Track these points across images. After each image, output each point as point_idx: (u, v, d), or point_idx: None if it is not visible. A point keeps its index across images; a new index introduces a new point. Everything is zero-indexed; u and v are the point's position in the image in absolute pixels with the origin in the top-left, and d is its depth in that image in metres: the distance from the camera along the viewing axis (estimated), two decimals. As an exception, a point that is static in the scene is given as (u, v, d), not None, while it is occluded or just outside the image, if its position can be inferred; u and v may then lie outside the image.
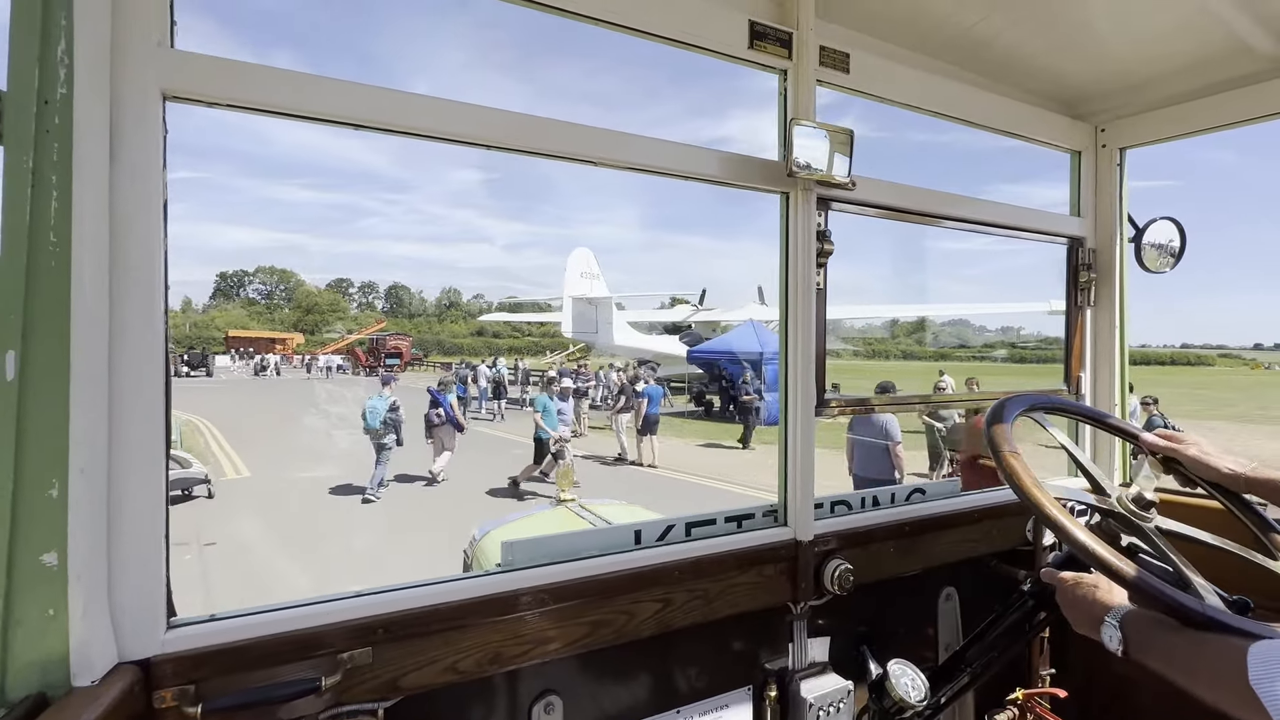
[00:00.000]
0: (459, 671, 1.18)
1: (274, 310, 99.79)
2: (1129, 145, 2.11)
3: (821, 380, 1.61)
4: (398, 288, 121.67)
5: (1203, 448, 1.23)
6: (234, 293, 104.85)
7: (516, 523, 3.99)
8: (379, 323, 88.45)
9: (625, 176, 1.50)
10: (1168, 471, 1.27)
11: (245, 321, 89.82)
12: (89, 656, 0.88)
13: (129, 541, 0.95)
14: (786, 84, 1.55)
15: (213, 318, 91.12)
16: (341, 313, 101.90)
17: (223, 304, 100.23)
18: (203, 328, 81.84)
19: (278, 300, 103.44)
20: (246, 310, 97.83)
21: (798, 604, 1.57)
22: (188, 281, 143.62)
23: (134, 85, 0.93)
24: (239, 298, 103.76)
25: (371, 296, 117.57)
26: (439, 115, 1.19)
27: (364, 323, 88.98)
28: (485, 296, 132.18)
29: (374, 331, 68.23)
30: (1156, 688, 1.90)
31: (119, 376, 0.93)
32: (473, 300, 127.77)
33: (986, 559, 1.92)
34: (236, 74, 1.01)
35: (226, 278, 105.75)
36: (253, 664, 1.02)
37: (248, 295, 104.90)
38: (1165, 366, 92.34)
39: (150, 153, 0.95)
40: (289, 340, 67.17)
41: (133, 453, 0.94)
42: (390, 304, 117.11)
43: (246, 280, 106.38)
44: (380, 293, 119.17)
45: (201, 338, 73.38)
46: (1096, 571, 1.02)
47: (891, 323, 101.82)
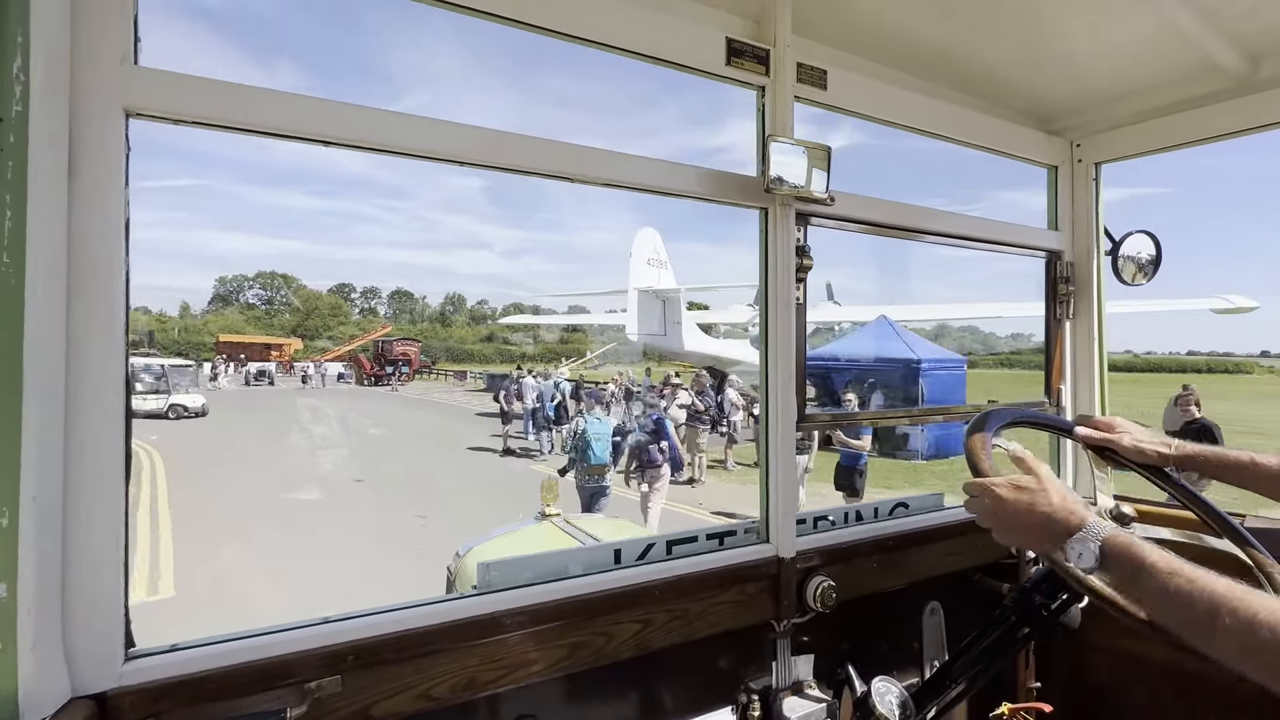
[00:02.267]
0: (433, 698, 1.15)
1: (273, 315, 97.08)
2: (1104, 160, 2.14)
3: (802, 394, 1.61)
4: (400, 293, 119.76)
5: (1135, 435, 1.32)
6: (233, 298, 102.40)
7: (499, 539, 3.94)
8: (384, 327, 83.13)
9: (618, 191, 1.49)
10: (1104, 459, 1.34)
11: (241, 326, 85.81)
12: (39, 691, 0.85)
13: (85, 571, 0.91)
14: (764, 100, 1.56)
15: (205, 322, 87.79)
16: (344, 317, 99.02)
17: (221, 309, 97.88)
18: (194, 333, 77.84)
19: (278, 305, 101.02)
20: (244, 315, 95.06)
21: (780, 622, 1.55)
22: (185, 289, 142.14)
23: (95, 102, 0.91)
24: (238, 303, 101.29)
25: (374, 301, 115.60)
26: (412, 133, 1.17)
27: (367, 328, 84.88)
28: (489, 302, 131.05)
29: (379, 336, 63.25)
30: (1136, 700, 1.91)
31: (76, 401, 0.90)
32: (477, 305, 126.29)
33: (970, 573, 1.91)
34: (202, 91, 0.99)
35: (225, 282, 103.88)
36: (215, 695, 0.98)
37: (246, 300, 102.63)
38: (1202, 375, 79.33)
39: (112, 170, 0.93)
40: (285, 346, 63.21)
41: (90, 479, 0.91)
42: (393, 309, 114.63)
43: (246, 285, 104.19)
44: (383, 298, 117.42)
45: (192, 344, 69.74)
46: (1045, 482, 0.99)
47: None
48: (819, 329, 24.82)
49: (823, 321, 24.78)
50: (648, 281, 21.87)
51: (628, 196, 79.81)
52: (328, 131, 1.09)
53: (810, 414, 1.63)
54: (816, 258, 1.61)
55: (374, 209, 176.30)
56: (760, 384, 1.60)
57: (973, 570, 1.92)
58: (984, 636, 1.46)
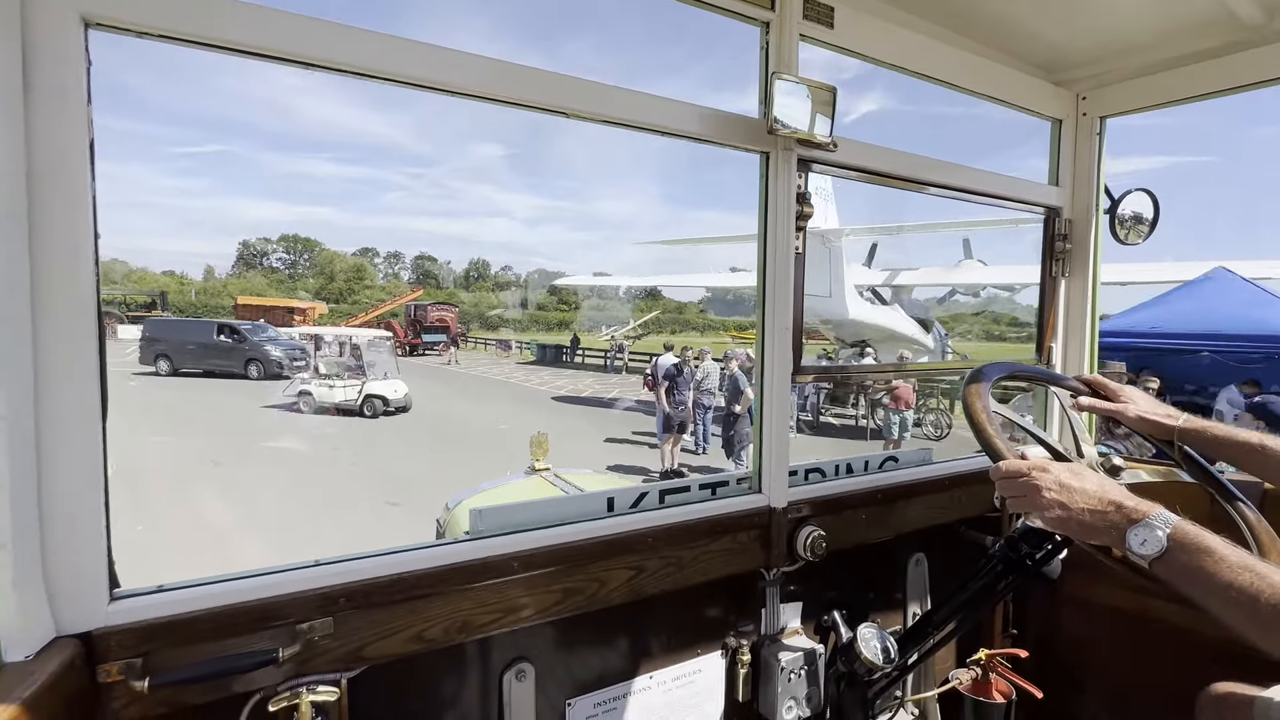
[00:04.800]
0: (425, 640, 1.15)
1: (296, 280, 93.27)
2: (1109, 114, 2.09)
3: (799, 346, 1.59)
4: (424, 258, 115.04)
5: (1140, 406, 1.33)
6: (256, 262, 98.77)
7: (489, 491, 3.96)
8: (415, 290, 75.49)
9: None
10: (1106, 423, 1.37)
11: (264, 290, 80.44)
12: (22, 630, 0.83)
13: (65, 509, 0.88)
14: (768, 37, 1.49)
15: (225, 284, 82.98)
16: (369, 280, 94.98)
17: (244, 273, 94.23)
18: (212, 295, 72.70)
19: (301, 270, 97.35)
20: (268, 279, 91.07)
21: (770, 570, 1.57)
22: (210, 254, 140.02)
23: (48, 9, 0.84)
24: (260, 267, 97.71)
25: (397, 267, 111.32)
26: (402, 58, 1.10)
27: (393, 292, 78.84)
28: (514, 268, 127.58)
29: (410, 299, 55.89)
30: (1108, 647, 1.98)
31: (44, 335, 0.85)
32: (501, 271, 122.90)
33: (955, 525, 1.95)
34: (167, 0, 0.92)
35: (249, 246, 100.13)
36: (205, 636, 0.97)
37: (270, 264, 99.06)
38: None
39: (71, 86, 0.86)
40: (310, 310, 56.75)
41: (65, 415, 0.87)
42: (416, 274, 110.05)
43: (270, 250, 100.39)
44: (406, 263, 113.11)
45: (210, 307, 64.40)
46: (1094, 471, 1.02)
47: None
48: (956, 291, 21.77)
49: (966, 284, 21.15)
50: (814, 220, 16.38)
51: (654, 165, 73.67)
52: (310, 53, 1.02)
53: (805, 365, 1.61)
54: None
55: (397, 176, 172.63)
56: (757, 334, 1.58)
57: (958, 523, 1.95)
58: (968, 586, 1.50)
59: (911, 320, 17.21)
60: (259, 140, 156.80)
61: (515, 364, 34.85)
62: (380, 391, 16.04)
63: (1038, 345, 2.24)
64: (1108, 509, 0.93)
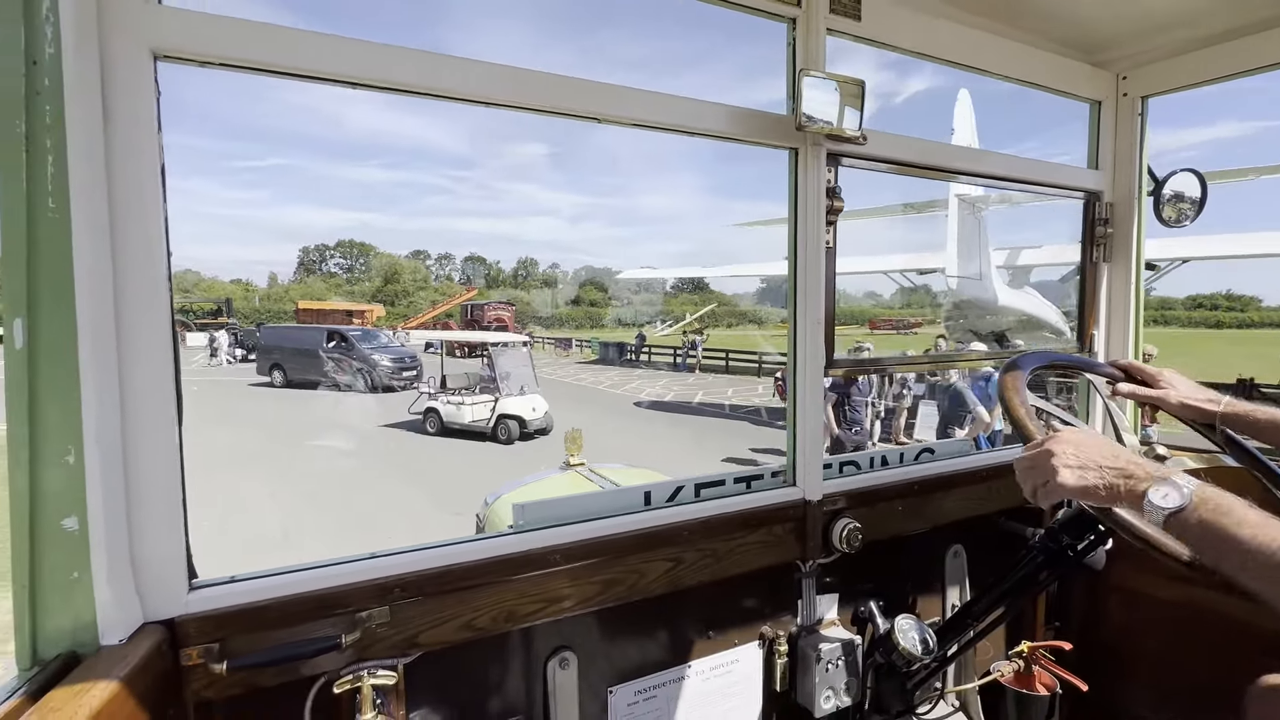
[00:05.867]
0: (475, 629, 1.21)
1: (354, 283, 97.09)
2: (1151, 93, 2.03)
3: (830, 340, 1.60)
4: (473, 259, 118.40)
5: (1181, 391, 1.31)
6: (315, 267, 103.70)
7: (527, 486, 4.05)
8: (470, 289, 76.44)
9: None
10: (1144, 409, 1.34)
11: (324, 294, 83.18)
12: (115, 617, 0.91)
13: (147, 505, 0.96)
14: (795, 33, 1.50)
15: (287, 290, 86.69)
16: (422, 281, 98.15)
17: (304, 278, 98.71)
18: (275, 301, 75.31)
19: (358, 274, 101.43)
20: (326, 283, 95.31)
21: (806, 562, 1.59)
22: (274, 261, 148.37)
23: (123, 44, 0.91)
24: (320, 272, 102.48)
25: (448, 268, 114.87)
26: (441, 72, 1.15)
27: (447, 293, 79.38)
28: (561, 265, 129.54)
29: (466, 299, 56.89)
30: (1154, 639, 1.94)
31: (126, 340, 0.93)
32: (549, 269, 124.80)
33: (994, 517, 1.93)
34: (228, 31, 0.98)
35: (308, 252, 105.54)
36: (275, 623, 1.04)
37: (328, 269, 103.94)
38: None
39: (144, 114, 0.93)
40: (369, 312, 56.27)
41: (147, 417, 0.95)
42: (466, 274, 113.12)
43: (327, 254, 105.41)
44: (456, 264, 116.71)
45: (274, 312, 66.37)
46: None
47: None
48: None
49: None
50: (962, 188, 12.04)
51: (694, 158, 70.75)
52: (354, 72, 1.07)
53: (838, 359, 1.62)
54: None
55: (442, 179, 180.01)
56: (789, 328, 1.59)
57: (997, 514, 1.93)
58: (1007, 577, 1.49)
59: (1053, 306, 14.09)
60: (314, 151, 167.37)
61: (577, 364, 32.45)
62: (516, 410, 13.14)
63: (1079, 333, 2.20)
64: (1128, 466, 0.91)
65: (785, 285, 1.61)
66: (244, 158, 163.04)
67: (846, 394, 7.64)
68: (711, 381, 24.15)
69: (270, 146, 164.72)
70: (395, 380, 20.44)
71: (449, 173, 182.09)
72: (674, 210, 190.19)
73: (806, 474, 1.57)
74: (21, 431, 0.83)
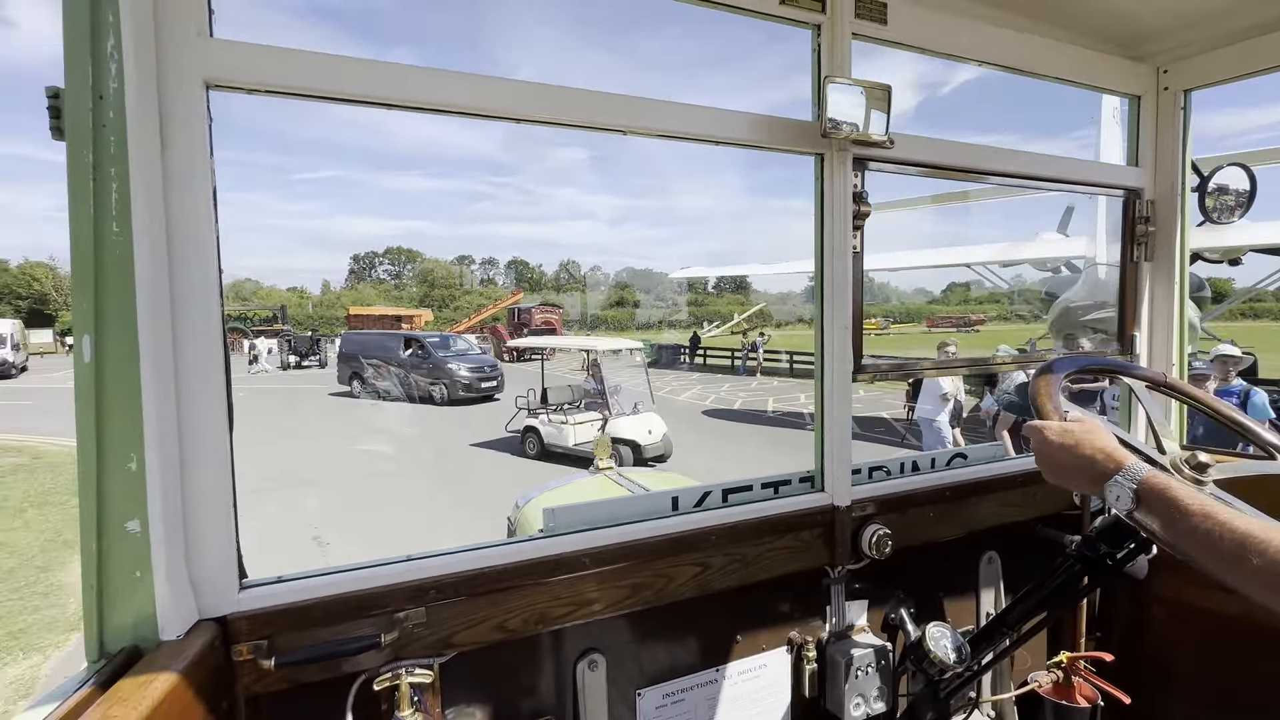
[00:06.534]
0: (507, 630, 1.24)
1: (402, 289, 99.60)
2: (1194, 86, 1.97)
3: (859, 344, 1.59)
4: (517, 262, 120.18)
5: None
6: (365, 274, 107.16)
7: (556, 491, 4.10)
8: (515, 293, 74.03)
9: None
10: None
11: (374, 299, 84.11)
12: (173, 613, 0.96)
13: (202, 508, 1.02)
14: (820, 40, 1.50)
15: (339, 296, 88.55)
16: (468, 286, 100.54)
17: (355, 285, 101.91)
18: (328, 307, 76.48)
19: (405, 280, 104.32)
20: (376, 290, 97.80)
21: (835, 568, 1.59)
22: (327, 269, 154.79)
23: (178, 76, 0.97)
24: (369, 279, 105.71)
25: (492, 272, 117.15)
26: (476, 91, 1.19)
27: (493, 297, 78.25)
28: (602, 268, 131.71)
29: (512, 303, 55.05)
30: (1202, 652, 1.87)
31: (182, 353, 0.99)
32: (590, 271, 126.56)
33: (1031, 523, 1.89)
34: (274, 60, 1.03)
35: (359, 260, 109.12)
36: (319, 621, 1.09)
37: (377, 276, 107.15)
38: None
39: (197, 141, 0.99)
40: (417, 317, 55.60)
41: (200, 425, 1.01)
42: (511, 278, 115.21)
43: (376, 261, 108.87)
44: (500, 268, 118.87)
45: (326, 319, 67.61)
46: (1093, 425, 1.01)
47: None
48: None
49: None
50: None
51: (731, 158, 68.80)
52: (393, 94, 1.12)
53: (867, 363, 1.61)
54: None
55: (485, 186, 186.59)
56: (815, 333, 1.59)
57: (1033, 521, 1.89)
58: (1044, 585, 1.46)
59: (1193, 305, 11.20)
60: (364, 163, 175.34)
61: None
62: (629, 434, 10.90)
63: (1119, 334, 2.13)
64: (1085, 462, 0.95)
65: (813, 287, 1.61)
66: (300, 171, 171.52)
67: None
68: (778, 386, 22.37)
69: (324, 159, 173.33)
70: (472, 393, 18.97)
71: (492, 179, 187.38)
72: (711, 210, 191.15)
73: (835, 479, 1.57)
74: (90, 440, 0.90)
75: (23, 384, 26.12)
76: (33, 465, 11.52)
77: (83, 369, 0.89)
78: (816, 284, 1.58)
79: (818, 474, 1.60)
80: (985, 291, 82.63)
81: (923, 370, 2.03)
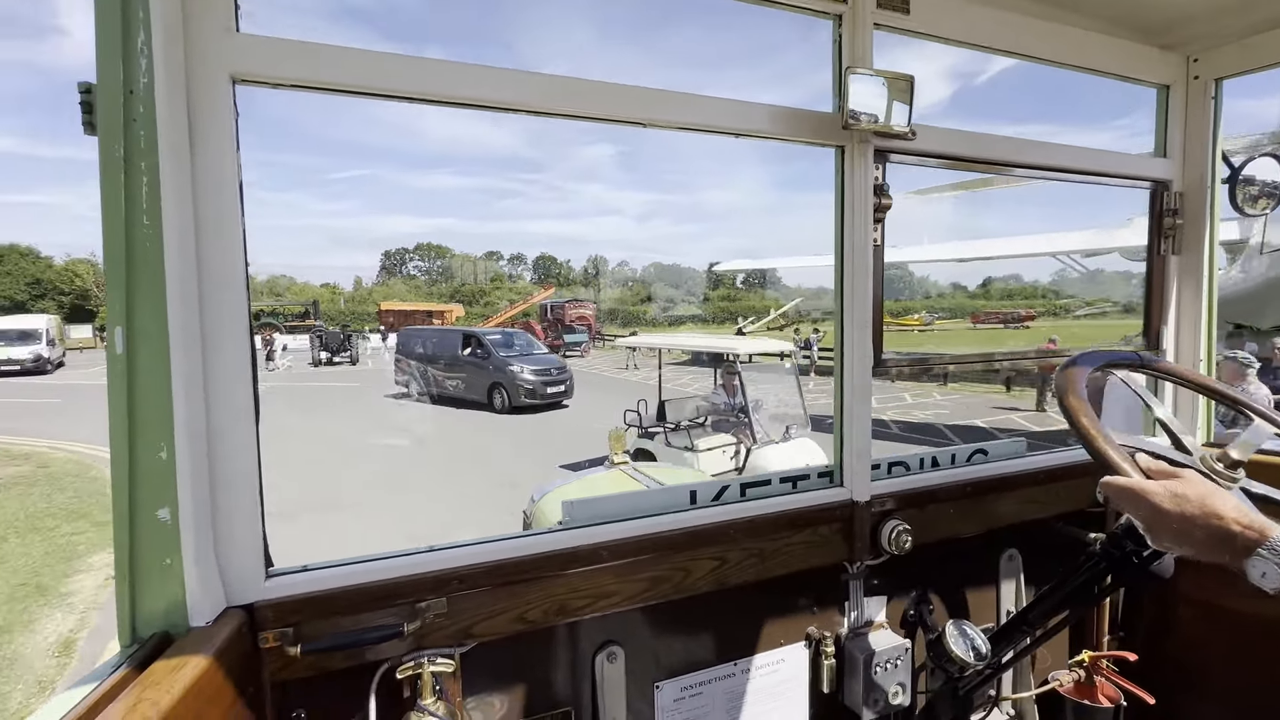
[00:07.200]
0: (527, 621, 1.25)
1: (432, 285, 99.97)
2: (1225, 75, 1.92)
3: (879, 339, 1.58)
4: (545, 258, 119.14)
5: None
6: (396, 270, 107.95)
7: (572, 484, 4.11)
8: (547, 288, 73.83)
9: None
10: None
11: (404, 295, 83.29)
12: (202, 600, 0.98)
13: (230, 497, 1.04)
14: (841, 30, 1.48)
15: (370, 292, 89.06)
16: (498, 281, 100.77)
17: (386, 281, 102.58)
18: (359, 303, 76.01)
19: (435, 275, 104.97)
20: (406, 285, 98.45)
21: (854, 564, 1.58)
22: (359, 266, 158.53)
23: (206, 71, 0.98)
24: (400, 275, 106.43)
25: (520, 268, 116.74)
26: (497, 84, 1.20)
27: (523, 293, 76.45)
28: (630, 263, 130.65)
29: (544, 298, 53.17)
30: (1229, 652, 1.84)
31: (210, 345, 1.01)
32: (618, 267, 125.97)
33: (1053, 520, 1.86)
34: (301, 55, 1.04)
35: (390, 256, 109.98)
36: (343, 610, 1.11)
37: (408, 272, 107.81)
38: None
39: (224, 135, 1.00)
40: (449, 312, 55.13)
41: (227, 416, 1.03)
42: (539, 274, 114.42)
43: (407, 257, 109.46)
44: (528, 263, 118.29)
45: (357, 314, 65.71)
46: (1202, 486, 0.88)
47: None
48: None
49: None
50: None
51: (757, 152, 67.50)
52: (418, 88, 1.13)
53: (887, 358, 1.60)
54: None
55: (513, 183, 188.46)
56: (836, 327, 1.58)
57: (1055, 518, 1.87)
58: (1066, 583, 1.44)
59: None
60: (395, 161, 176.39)
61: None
62: (780, 470, 4.53)
63: (1145, 328, 2.10)
64: (1231, 536, 0.82)
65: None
66: (334, 170, 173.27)
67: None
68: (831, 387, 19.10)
69: (357, 159, 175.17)
70: (535, 399, 16.17)
71: (520, 176, 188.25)
72: (739, 205, 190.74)
73: (854, 475, 1.56)
74: (122, 429, 0.92)
75: (57, 380, 25.67)
76: (34, 476, 10.10)
77: (114, 360, 0.91)
78: (836, 277, 1.56)
79: (836, 469, 1.59)
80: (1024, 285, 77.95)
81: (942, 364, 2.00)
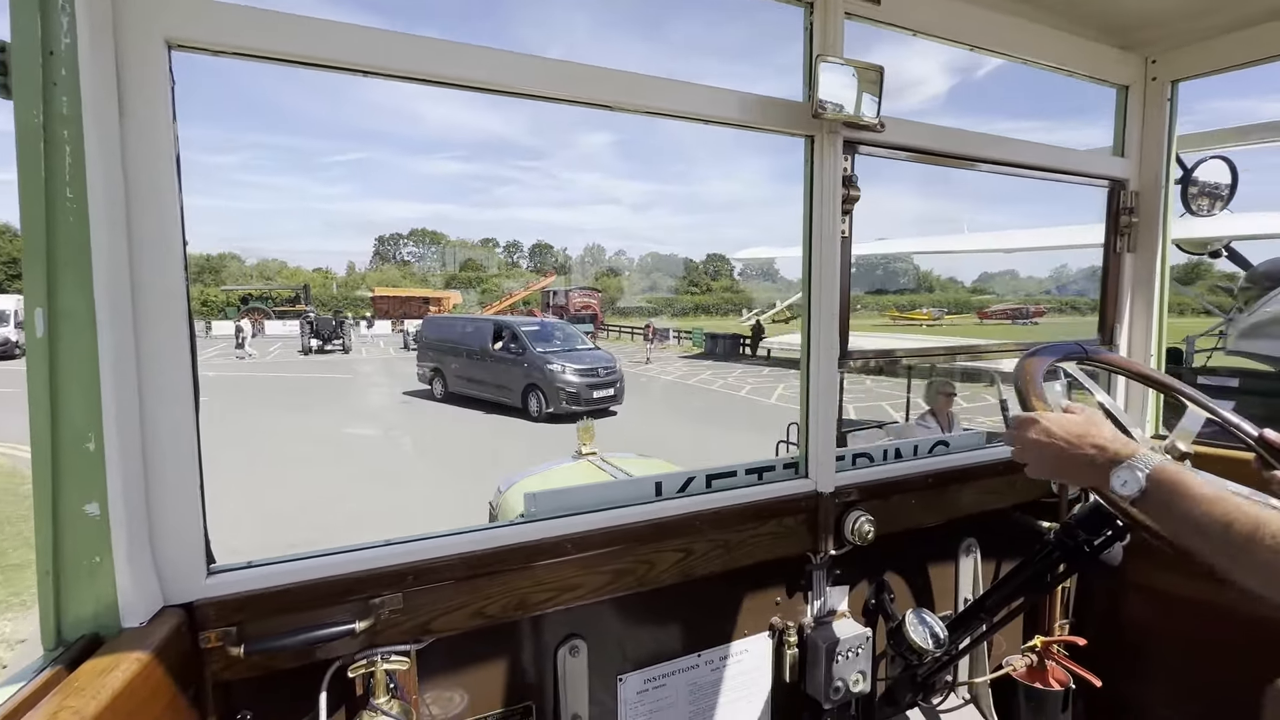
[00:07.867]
0: (486, 616, 1.22)
1: (427, 271, 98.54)
2: (1182, 77, 1.97)
3: (845, 331, 1.58)
4: (541, 246, 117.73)
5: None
6: (390, 255, 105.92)
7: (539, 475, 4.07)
8: (549, 275, 70.68)
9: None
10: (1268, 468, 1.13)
11: (398, 281, 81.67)
12: (136, 600, 0.93)
13: (166, 491, 0.98)
14: (812, 18, 1.47)
15: (364, 277, 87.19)
16: (495, 267, 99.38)
17: (380, 266, 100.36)
18: (352, 288, 74.39)
19: (430, 261, 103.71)
20: (400, 271, 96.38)
21: (817, 554, 1.59)
22: (353, 251, 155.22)
23: (137, 34, 0.91)
24: (394, 260, 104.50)
25: (516, 256, 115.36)
26: (458, 61, 1.14)
27: (519, 280, 76.57)
28: (626, 253, 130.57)
29: (545, 285, 51.58)
30: (1172, 637, 1.92)
31: (143, 328, 0.94)
32: (614, 256, 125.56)
33: (1009, 510, 1.91)
34: (243, 20, 0.98)
35: (384, 241, 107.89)
36: (291, 607, 1.06)
37: (402, 257, 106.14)
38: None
39: (159, 104, 0.93)
40: (445, 299, 52.89)
41: (162, 402, 0.96)
42: (535, 262, 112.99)
43: (401, 243, 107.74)
44: (524, 251, 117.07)
45: (349, 300, 64.00)
46: (1095, 416, 0.98)
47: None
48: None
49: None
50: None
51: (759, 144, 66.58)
52: (373, 62, 1.07)
53: (852, 350, 1.60)
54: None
55: (512, 170, 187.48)
56: (803, 319, 1.58)
57: (1012, 508, 1.91)
58: (1021, 571, 1.48)
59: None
60: (392, 146, 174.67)
61: (680, 358, 27.52)
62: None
63: (1100, 324, 2.15)
64: (1091, 451, 0.93)
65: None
66: (331, 154, 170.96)
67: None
68: (871, 387, 17.55)
69: (354, 142, 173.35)
70: (579, 404, 13.28)
71: (518, 163, 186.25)
72: (739, 196, 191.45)
73: (819, 466, 1.57)
74: (44, 419, 0.85)
75: (22, 365, 24.41)
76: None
77: (35, 344, 0.84)
78: (804, 269, 1.56)
79: (802, 460, 1.60)
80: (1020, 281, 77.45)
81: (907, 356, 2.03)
